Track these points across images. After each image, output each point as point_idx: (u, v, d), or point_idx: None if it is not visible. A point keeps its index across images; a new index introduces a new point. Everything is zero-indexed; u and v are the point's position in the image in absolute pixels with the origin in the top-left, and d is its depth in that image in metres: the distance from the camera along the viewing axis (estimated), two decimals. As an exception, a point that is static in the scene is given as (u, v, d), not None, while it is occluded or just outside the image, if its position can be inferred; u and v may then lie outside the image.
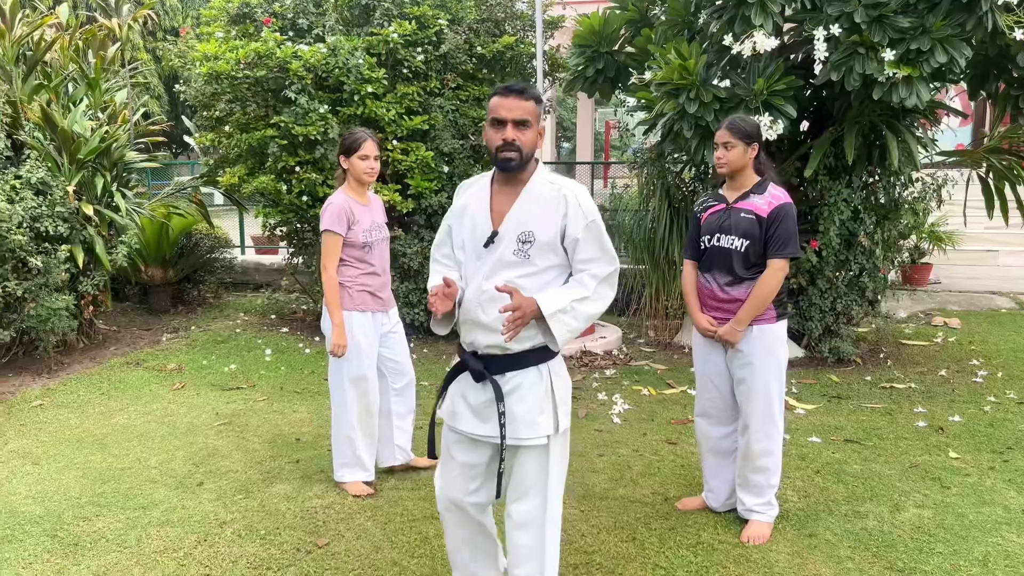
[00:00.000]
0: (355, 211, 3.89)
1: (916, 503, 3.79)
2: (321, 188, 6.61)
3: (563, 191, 2.49)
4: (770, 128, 5.00)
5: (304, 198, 6.64)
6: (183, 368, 6.30)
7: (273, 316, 8.14)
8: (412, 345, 7.05)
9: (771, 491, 3.58)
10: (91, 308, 6.80)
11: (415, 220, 6.99)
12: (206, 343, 7.11)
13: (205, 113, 6.88)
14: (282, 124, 6.14)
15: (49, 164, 6.29)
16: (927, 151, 6.06)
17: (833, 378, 5.94)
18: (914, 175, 6.35)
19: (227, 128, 6.56)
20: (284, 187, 6.47)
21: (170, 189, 8.09)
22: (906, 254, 8.27)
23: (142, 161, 7.05)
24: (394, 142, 6.58)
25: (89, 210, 6.35)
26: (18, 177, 6.05)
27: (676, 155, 6.45)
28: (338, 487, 4.02)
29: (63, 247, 6.09)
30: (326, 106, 6.22)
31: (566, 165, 20.13)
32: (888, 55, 4.76)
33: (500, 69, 7.43)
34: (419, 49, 6.60)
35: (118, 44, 7.23)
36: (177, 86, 7.23)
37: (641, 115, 6.01)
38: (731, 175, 3.54)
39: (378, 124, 6.54)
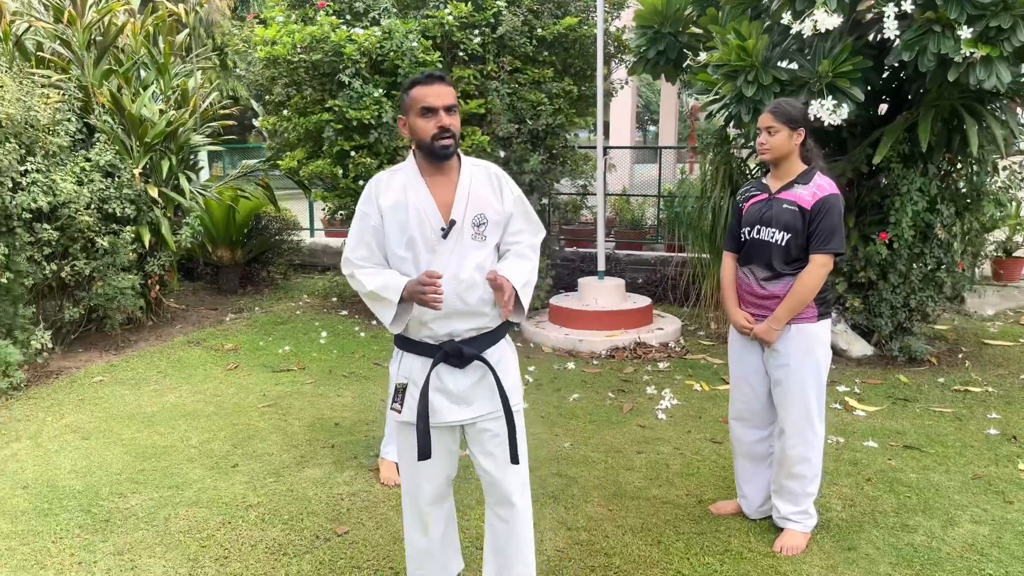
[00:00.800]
0: None
1: (973, 518, 3.52)
2: (377, 172, 6.61)
3: (491, 170, 2.63)
4: (833, 113, 4.70)
5: (360, 183, 6.65)
6: (239, 349, 6.42)
7: (334, 299, 8.24)
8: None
9: (808, 500, 3.38)
10: (157, 288, 7.01)
11: (471, 205, 6.92)
12: (265, 324, 7.24)
13: (267, 97, 6.97)
14: (336, 108, 6.16)
15: (117, 147, 6.48)
16: (1016, 137, 5.62)
17: (902, 378, 5.60)
18: (1000, 163, 5.91)
19: (285, 112, 6.62)
20: (340, 171, 6.50)
21: (237, 172, 8.26)
22: (992, 247, 7.74)
23: (207, 144, 7.20)
24: (450, 126, 6.52)
25: (154, 192, 6.53)
26: (88, 160, 6.26)
27: (740, 140, 6.18)
28: (377, 463, 4.02)
29: (128, 228, 6.28)
30: (380, 90, 6.20)
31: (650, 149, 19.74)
32: (965, 33, 4.40)
33: (562, 51, 7.27)
34: (476, 31, 6.50)
35: (187, 30, 7.39)
36: (238, 70, 7.36)
37: (705, 98, 5.76)
38: (774, 162, 3.33)
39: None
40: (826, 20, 4.49)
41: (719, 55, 5.00)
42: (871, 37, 5.46)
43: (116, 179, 6.39)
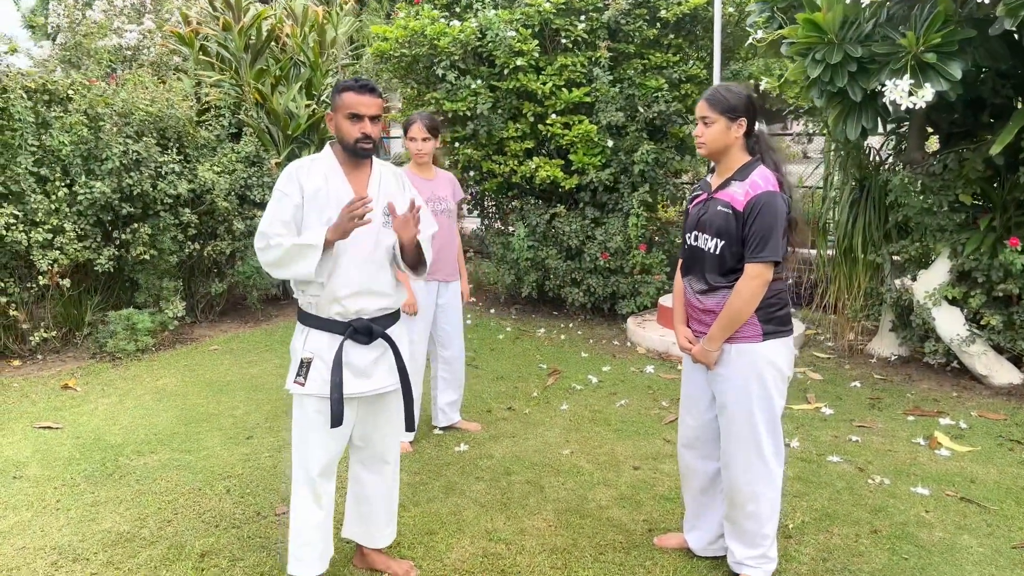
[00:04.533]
0: (414, 183, 4.08)
1: (967, 597, 2.85)
2: (485, 163, 6.67)
3: (394, 170, 2.92)
4: (911, 95, 3.96)
5: (471, 173, 6.76)
6: (347, 328, 6.83)
7: (470, 285, 8.42)
8: (571, 326, 6.88)
9: (766, 542, 2.94)
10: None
11: (580, 197, 6.73)
12: (391, 307, 7.61)
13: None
14: (433, 100, 6.30)
15: (263, 140, 7.15)
16: None
17: (1036, 416, 4.61)
18: None
19: (399, 104, 6.90)
20: (447, 162, 6.65)
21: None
22: None
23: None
24: (553, 116, 6.39)
25: (288, 181, 7.12)
26: (235, 151, 6.98)
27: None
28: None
29: (258, 212, 6.92)
30: (479, 81, 6.24)
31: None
32: (1076, -9, 3.50)
33: (701, 32, 6.81)
34: (581, 17, 6.30)
35: (342, 29, 7.94)
36: (355, 65, 7.77)
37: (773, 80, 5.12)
38: (713, 157, 2.92)
39: (534, 97, 6.40)
40: (886, -16, 3.79)
41: (787, 30, 4.42)
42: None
43: (260, 168, 7.07)
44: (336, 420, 2.68)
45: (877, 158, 5.72)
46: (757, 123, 2.90)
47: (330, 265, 2.67)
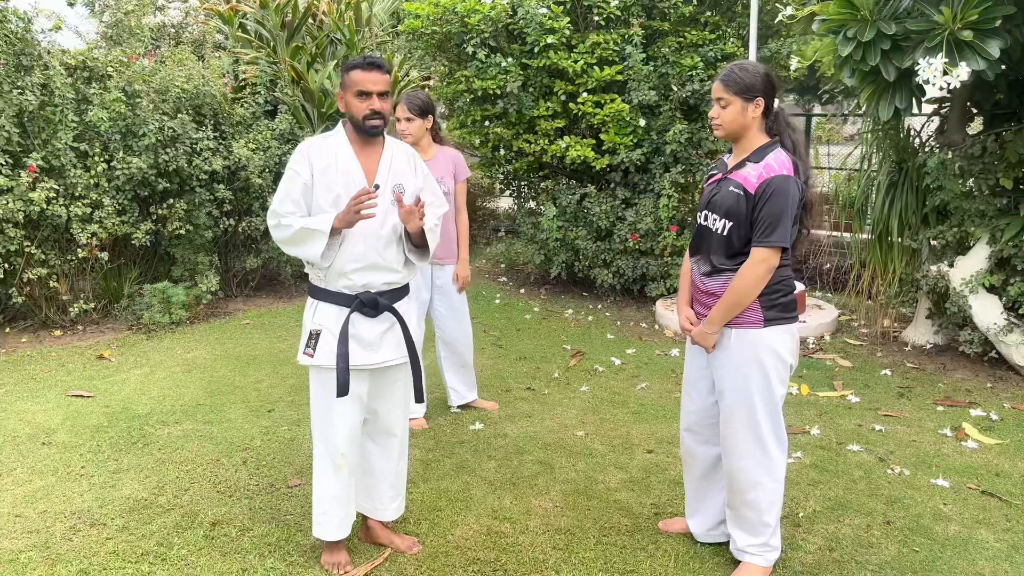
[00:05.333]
0: None
1: (976, 593, 2.77)
2: (516, 142, 6.63)
3: (407, 149, 2.94)
4: (945, 74, 3.81)
5: (501, 152, 6.73)
6: (376, 305, 6.89)
7: (502, 264, 8.44)
8: (599, 307, 6.84)
9: (767, 530, 2.90)
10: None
11: (611, 177, 6.66)
12: (422, 285, 7.65)
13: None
14: (464, 78, 6.27)
15: (298, 117, 7.22)
16: None
17: (1075, 409, 4.45)
18: None
19: (431, 82, 6.89)
20: (477, 140, 6.63)
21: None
22: None
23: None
24: (584, 94, 6.32)
25: (323, 158, 7.18)
26: (270, 128, 7.06)
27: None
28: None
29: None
30: (510, 59, 6.19)
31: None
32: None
33: (728, 10, 6.66)
34: (614, -7, 6.21)
35: (380, 6, 7.95)
36: (392, 43, 7.77)
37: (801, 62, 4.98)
38: (730, 139, 2.86)
39: (565, 75, 6.33)
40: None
41: (819, 7, 4.29)
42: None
43: (295, 146, 7.14)
44: (342, 389, 2.75)
45: (917, 140, 5.53)
46: (776, 101, 2.83)
47: (336, 251, 2.74)
